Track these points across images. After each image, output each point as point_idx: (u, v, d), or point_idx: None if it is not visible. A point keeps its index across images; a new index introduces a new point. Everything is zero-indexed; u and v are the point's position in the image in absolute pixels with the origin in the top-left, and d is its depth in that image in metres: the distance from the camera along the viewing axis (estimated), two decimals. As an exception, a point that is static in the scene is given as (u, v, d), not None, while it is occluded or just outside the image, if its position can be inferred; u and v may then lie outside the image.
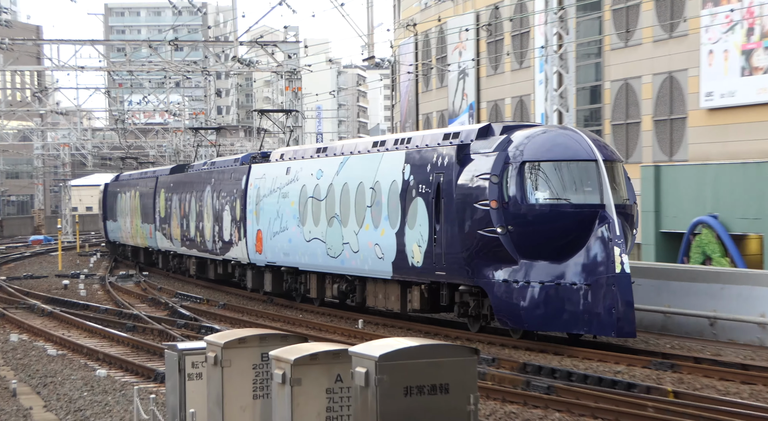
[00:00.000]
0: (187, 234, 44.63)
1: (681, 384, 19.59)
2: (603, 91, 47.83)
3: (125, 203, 57.48)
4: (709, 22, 40.61)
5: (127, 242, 58.34)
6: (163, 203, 48.59)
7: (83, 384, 21.21)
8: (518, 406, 18.14)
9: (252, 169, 37.15)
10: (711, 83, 40.67)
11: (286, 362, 10.42)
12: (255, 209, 36.06)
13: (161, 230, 49.03)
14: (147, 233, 52.09)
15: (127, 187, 57.82)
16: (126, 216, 57.33)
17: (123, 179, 61.55)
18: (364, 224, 29.13)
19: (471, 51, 57.84)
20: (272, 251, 34.95)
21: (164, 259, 51.43)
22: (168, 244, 48.31)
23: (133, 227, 55.34)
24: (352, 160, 30.47)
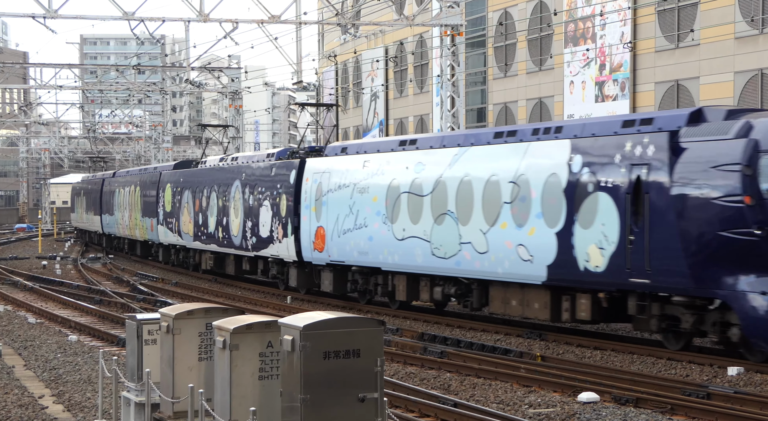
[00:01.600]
0: (203, 229, 36.39)
1: (547, 350, 19.68)
2: (487, 112, 48.07)
3: (123, 198, 49.40)
4: (570, 59, 40.97)
5: (123, 234, 50.21)
6: (169, 198, 40.68)
7: (57, 347, 20.82)
8: (416, 367, 18.08)
9: (307, 164, 28.90)
10: (572, 108, 41.06)
11: (226, 331, 10.27)
12: (314, 205, 27.98)
13: (166, 224, 41.22)
14: (148, 227, 44.29)
15: (126, 183, 49.38)
16: (124, 210, 49.10)
17: (120, 175, 53.22)
18: (499, 222, 21.38)
19: (381, 78, 57.82)
20: (340, 250, 26.78)
21: (165, 252, 43.31)
22: (174, 238, 40.29)
23: (132, 220, 47.39)
24: (472, 152, 22.55)
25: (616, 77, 38.93)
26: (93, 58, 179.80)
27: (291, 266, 29.86)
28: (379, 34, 57.21)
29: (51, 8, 31.85)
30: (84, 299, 30.71)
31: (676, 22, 36.46)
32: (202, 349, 11.44)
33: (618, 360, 18.34)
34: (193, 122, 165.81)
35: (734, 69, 34.06)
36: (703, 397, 14.67)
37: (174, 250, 41.81)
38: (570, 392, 15.23)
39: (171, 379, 11.42)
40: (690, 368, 17.28)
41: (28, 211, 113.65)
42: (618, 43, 38.55)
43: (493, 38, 46.76)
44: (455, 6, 33.50)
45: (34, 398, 15.43)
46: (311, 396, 9.36)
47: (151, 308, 27.04)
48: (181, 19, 34.05)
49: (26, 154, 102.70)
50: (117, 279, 37.82)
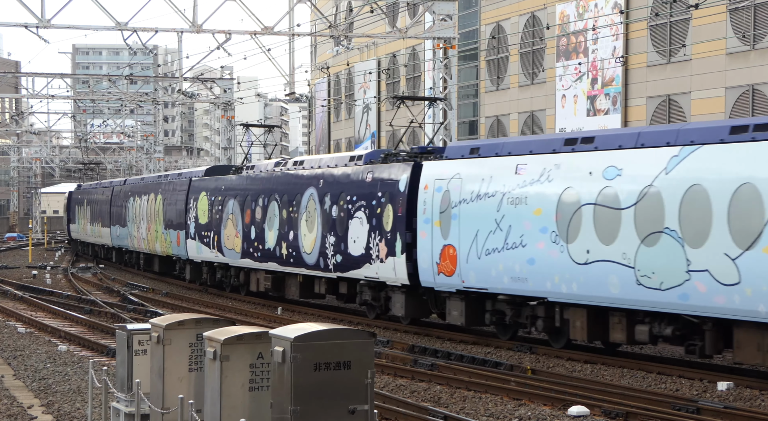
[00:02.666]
0: (257, 245, 30.80)
1: (537, 363, 19.68)
2: (479, 125, 48.17)
3: (139, 208, 43.73)
4: (562, 73, 41.10)
5: (138, 248, 44.47)
6: (204, 208, 35.02)
7: (47, 357, 20.76)
8: (407, 380, 18.07)
9: (425, 169, 23.39)
10: (564, 121, 41.16)
11: (216, 342, 10.26)
12: (438, 219, 22.59)
13: (199, 238, 35.41)
14: (172, 241, 38.53)
15: (143, 191, 43.64)
16: (141, 222, 43.44)
17: (134, 183, 47.23)
18: (760, 244, 16.12)
19: (373, 90, 57.92)
20: (481, 274, 21.39)
21: (194, 270, 37.15)
22: (210, 254, 34.50)
23: (151, 233, 41.74)
24: (704, 152, 17.27)
25: (608, 91, 39.05)
26: (85, 67, 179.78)
27: (396, 292, 24.32)
28: (372, 46, 57.33)
29: (44, 18, 31.85)
30: (74, 308, 30.62)
31: (668, 37, 36.61)
32: (193, 359, 11.43)
33: (608, 374, 18.35)
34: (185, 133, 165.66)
35: (725, 84, 34.20)
36: (693, 412, 14.69)
37: (208, 268, 35.77)
38: (560, 406, 15.24)
39: (161, 390, 11.40)
40: (680, 383, 17.30)
41: (18, 220, 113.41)
42: (610, 57, 38.69)
43: (486, 51, 46.88)
44: (448, 19, 33.61)
45: (23, 408, 15.38)
46: (301, 408, 9.36)
47: (142, 319, 26.98)
48: (174, 29, 34.08)
49: (17, 164, 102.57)
50: (107, 289, 37.73)
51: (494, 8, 45.71)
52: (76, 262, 55.80)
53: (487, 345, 22.05)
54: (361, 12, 36.26)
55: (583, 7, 40.05)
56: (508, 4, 44.74)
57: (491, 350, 21.33)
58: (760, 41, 32.99)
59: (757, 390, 16.44)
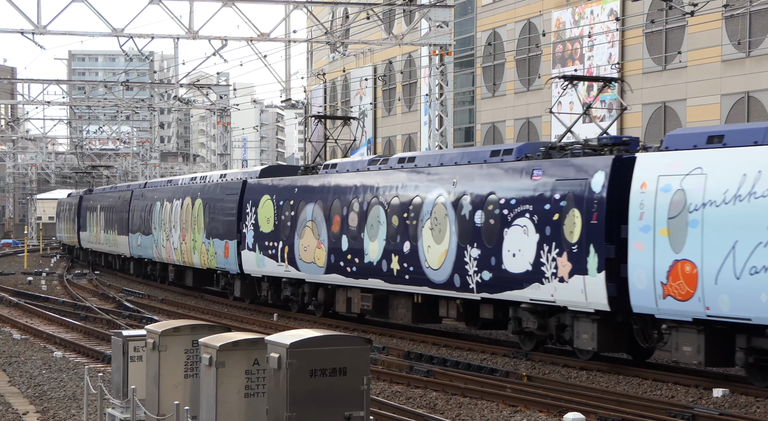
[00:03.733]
0: (350, 257, 25.77)
1: (533, 370, 19.69)
2: (475, 131, 48.22)
3: (169, 214, 38.28)
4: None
5: (167, 259, 38.87)
6: (268, 214, 29.77)
7: (42, 363, 20.74)
8: (403, 386, 18.07)
9: (641, 163, 18.36)
10: (560, 128, 41.18)
11: (212, 348, 10.26)
12: (666, 226, 17.57)
13: (260, 248, 30.14)
14: (218, 252, 33.13)
15: (173, 195, 38.22)
16: (171, 230, 37.91)
17: (160, 186, 41.82)
18: None
19: (369, 96, 57.96)
20: (740, 299, 16.41)
21: (247, 286, 32.02)
22: (279, 268, 29.18)
23: (186, 242, 36.21)
24: None
25: (604, 98, 39.11)
26: (81, 74, 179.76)
27: (581, 320, 19.39)
28: (368, 52, 57.39)
29: (40, 24, 31.87)
30: (69, 315, 30.59)
31: (663, 44, 36.68)
32: (188, 366, 11.44)
33: (604, 381, 18.37)
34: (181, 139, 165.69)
35: (721, 91, 34.26)
36: (688, 418, 14.70)
37: (270, 283, 30.52)
38: (556, 412, 15.24)
39: (156, 396, 11.40)
40: (675, 390, 17.31)
41: (14, 226, 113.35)
42: (606, 64, 38.76)
43: (482, 58, 46.95)
44: (444, 26, 33.66)
45: (18, 414, 15.36)
46: (297, 414, 9.36)
47: (137, 325, 26.96)
48: (170, 36, 34.09)
49: (13, 170, 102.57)
50: (103, 295, 37.69)
51: (490, 15, 45.79)
52: (71, 268, 55.76)
53: (482, 352, 22.04)
54: (358, 19, 36.32)
55: (579, 14, 40.13)
56: (504, 10, 44.83)
57: (487, 357, 21.33)
58: (756, 48, 33.07)
59: (753, 397, 16.46)
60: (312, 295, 28.37)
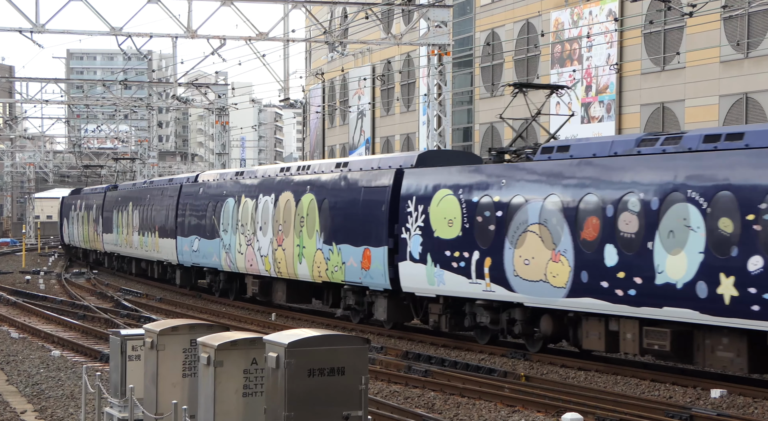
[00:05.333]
0: (628, 275, 18.24)
1: (531, 370, 19.70)
2: (474, 131, 48.24)
3: (250, 213, 30.72)
4: (557, 80, 41.17)
5: (250, 270, 30.86)
6: (450, 214, 22.29)
7: (40, 362, 20.74)
8: (401, 386, 18.07)
9: None
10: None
11: (210, 347, 10.26)
12: None
13: (438, 260, 22.46)
14: (348, 261, 25.46)
15: (258, 190, 30.56)
16: (253, 232, 30.42)
17: (228, 179, 33.63)
18: None
19: (368, 96, 57.97)
20: None
21: (400, 307, 24.51)
22: (472, 286, 21.60)
23: (285, 249, 28.36)
24: None
25: (602, 99, 39.13)
26: (79, 72, 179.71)
27: None
28: (367, 52, 57.40)
29: (38, 23, 31.87)
30: (67, 314, 30.59)
31: (662, 44, 36.71)
32: (186, 365, 11.44)
33: (602, 381, 18.38)
34: (179, 138, 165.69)
35: (719, 92, 34.28)
36: (686, 419, 14.71)
37: (447, 306, 22.79)
38: (554, 413, 15.25)
39: (154, 395, 11.40)
40: (673, 390, 17.33)
41: (11, 225, 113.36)
42: (604, 64, 38.77)
43: (480, 58, 46.97)
44: (443, 26, 33.67)
45: (16, 413, 15.36)
46: (295, 414, 9.37)
47: (136, 324, 26.96)
48: (169, 35, 34.09)
49: (11, 169, 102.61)
50: (101, 294, 37.68)
51: (489, 15, 45.80)
52: (69, 267, 55.75)
53: (480, 352, 22.05)
54: (356, 18, 36.33)
55: (578, 15, 40.14)
56: (502, 11, 44.85)
57: (485, 357, 21.34)
58: (754, 49, 33.09)
59: (750, 397, 16.48)
60: (528, 324, 20.94)
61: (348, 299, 26.15)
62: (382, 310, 24.74)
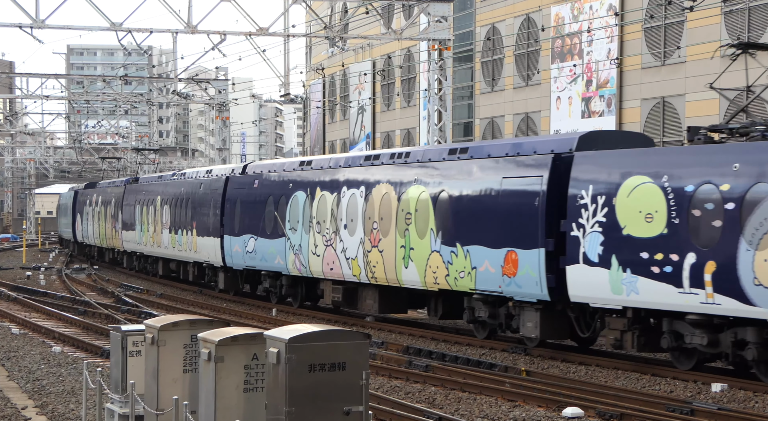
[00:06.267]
0: None
1: (532, 365, 19.71)
2: (474, 126, 48.20)
3: (328, 208, 26.58)
4: (557, 75, 41.13)
5: (324, 274, 26.72)
6: (649, 206, 18.00)
7: (41, 358, 20.74)
8: (402, 381, 18.08)
9: None
10: (558, 123, 41.18)
11: (211, 343, 10.26)
12: None
13: (628, 263, 18.23)
14: (485, 266, 21.11)
15: (339, 182, 26.39)
16: (333, 231, 26.15)
17: (284, 169, 29.79)
18: None
19: (368, 91, 57.93)
20: None
21: (559, 321, 20.27)
22: (682, 298, 17.17)
23: (384, 250, 24.12)
24: None
25: (603, 93, 39.10)
26: (80, 68, 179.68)
27: None
28: (367, 47, 57.35)
29: (38, 18, 31.85)
30: (68, 310, 30.60)
31: (662, 39, 36.67)
32: (187, 361, 11.43)
33: (602, 376, 18.38)
34: (180, 133, 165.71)
35: (720, 87, 34.22)
36: (687, 413, 14.72)
37: (634, 319, 18.51)
38: (555, 407, 15.26)
39: (155, 391, 11.40)
40: (674, 384, 17.33)
41: (12, 221, 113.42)
42: (605, 59, 38.74)
43: (481, 53, 46.92)
44: (443, 20, 33.63)
45: (17, 409, 15.36)
46: (296, 409, 9.36)
47: (136, 320, 26.96)
48: (169, 30, 34.07)
49: (11, 164, 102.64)
50: (102, 290, 37.69)
51: (489, 10, 45.76)
52: (69, 263, 55.76)
53: (481, 347, 22.06)
54: (357, 13, 36.31)
55: (578, 9, 40.10)
56: (503, 5, 44.81)
57: (486, 352, 21.35)
58: (755, 43, 33.05)
59: (751, 392, 16.48)
60: (766, 347, 16.62)
61: (479, 310, 21.71)
62: (533, 325, 20.18)
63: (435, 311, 23.90)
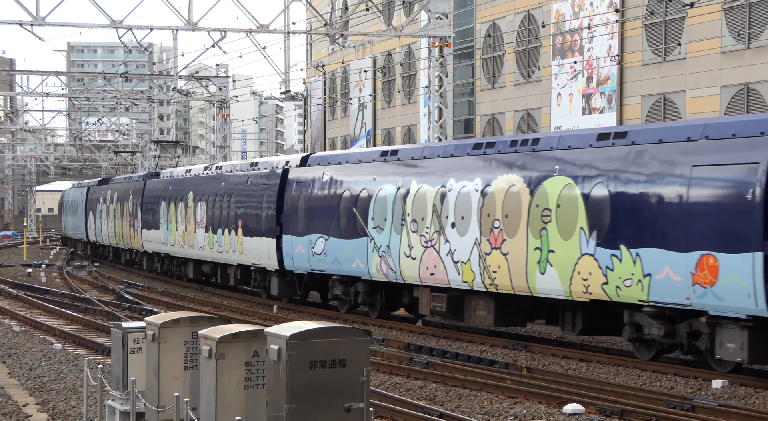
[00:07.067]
0: None
1: (532, 361, 19.71)
2: (475, 123, 48.19)
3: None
4: (558, 71, 41.12)
5: (423, 279, 23.05)
6: None
7: (42, 355, 20.75)
8: (402, 378, 18.08)
9: None
10: (559, 120, 41.17)
11: (212, 340, 10.27)
12: None
13: None
14: (666, 273, 17.28)
15: (455, 173, 22.49)
16: (437, 230, 22.54)
17: (362, 160, 26.20)
18: None
19: (369, 88, 57.91)
20: None
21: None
22: None
23: (526, 252, 20.31)
24: None
25: (604, 90, 39.08)
26: (80, 65, 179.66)
27: None
28: (368, 44, 57.33)
29: (39, 16, 31.84)
30: (69, 307, 30.61)
31: (663, 35, 36.65)
32: (188, 358, 11.44)
33: (603, 372, 18.39)
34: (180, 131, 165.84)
35: (720, 83, 34.23)
36: (687, 409, 14.72)
37: None
38: (555, 404, 15.26)
39: (156, 388, 11.41)
40: (675, 381, 17.34)
41: (13, 218, 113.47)
42: (605, 56, 38.72)
43: (481, 50, 46.90)
44: (443, 17, 33.61)
45: (18, 406, 15.37)
46: (297, 406, 9.37)
47: (137, 317, 26.97)
48: (169, 27, 34.04)
49: (12, 162, 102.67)
50: (102, 287, 37.69)
51: (490, 6, 45.73)
52: (71, 260, 55.78)
53: (482, 343, 22.06)
54: (357, 10, 36.30)
55: (579, 6, 40.08)
56: (503, 2, 44.79)
57: (487, 349, 21.35)
58: (755, 40, 33.04)
59: (752, 388, 16.48)
60: None
61: (648, 326, 18.13)
62: (737, 346, 16.54)
63: (572, 325, 20.15)
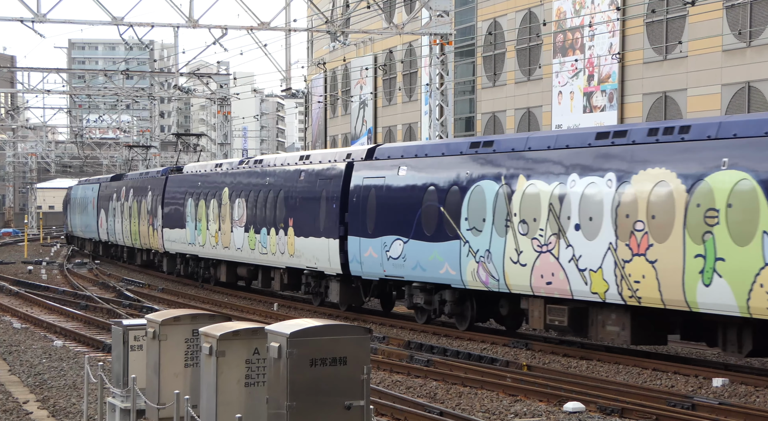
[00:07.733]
0: None
1: (533, 359, 19.71)
2: (476, 121, 48.20)
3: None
4: (559, 69, 41.12)
5: (536, 289, 19.97)
6: None
7: (43, 353, 20.77)
8: (403, 376, 18.08)
9: None
10: (560, 118, 41.17)
11: (212, 337, 10.28)
12: None
13: None
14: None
15: (576, 167, 19.41)
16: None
17: (442, 151, 23.30)
18: None
19: (370, 86, 57.93)
20: None
21: None
22: None
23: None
24: None
25: (605, 88, 39.07)
26: (81, 62, 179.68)
27: None
28: (369, 42, 57.33)
29: (40, 12, 31.83)
30: (70, 304, 30.62)
31: (664, 34, 36.63)
32: (189, 355, 11.45)
33: (604, 370, 18.39)
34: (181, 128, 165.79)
35: (721, 81, 34.21)
36: (688, 408, 14.72)
37: None
38: (556, 402, 15.26)
39: (157, 385, 11.42)
40: (675, 379, 17.34)
41: (14, 215, 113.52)
42: (606, 54, 38.71)
43: (482, 48, 46.90)
44: (445, 15, 33.61)
45: (18, 403, 15.38)
46: (297, 403, 9.37)
47: (138, 314, 26.98)
48: (171, 24, 34.04)
49: (13, 159, 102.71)
50: (103, 285, 37.71)
51: (491, 4, 45.72)
52: (71, 257, 55.80)
53: (482, 341, 22.06)
54: (358, 8, 36.28)
55: (580, 4, 40.06)
56: (504, 0, 44.78)
57: (487, 347, 21.35)
58: (757, 38, 33.02)
59: (752, 386, 16.49)
60: None
61: None
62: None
63: (737, 345, 17.24)
